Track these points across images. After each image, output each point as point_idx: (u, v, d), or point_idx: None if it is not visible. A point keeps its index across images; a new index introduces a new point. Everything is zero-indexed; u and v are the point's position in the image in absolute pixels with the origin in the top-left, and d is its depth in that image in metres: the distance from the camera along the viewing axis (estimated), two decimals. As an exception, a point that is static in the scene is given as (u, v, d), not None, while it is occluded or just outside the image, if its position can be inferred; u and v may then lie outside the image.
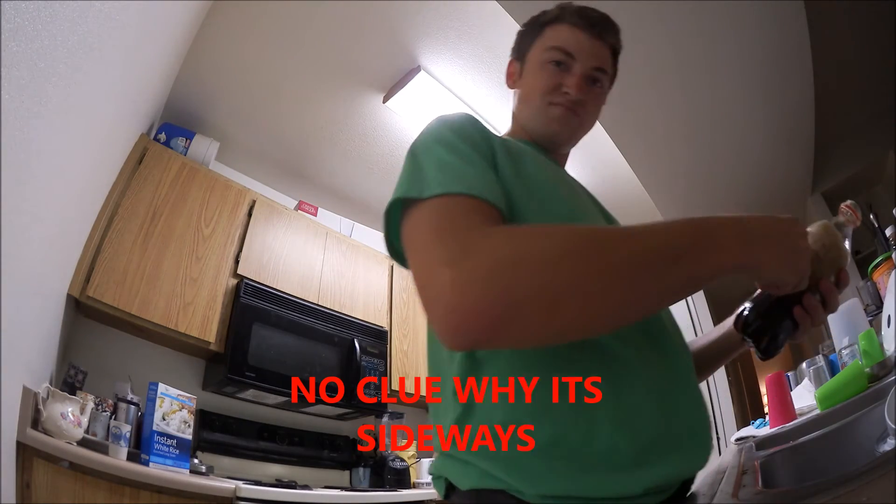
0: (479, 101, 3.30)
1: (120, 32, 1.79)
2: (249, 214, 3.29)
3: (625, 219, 0.85)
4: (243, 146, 3.63)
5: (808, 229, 0.76)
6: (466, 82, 3.17)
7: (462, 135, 0.74)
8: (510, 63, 1.05)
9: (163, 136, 3.06)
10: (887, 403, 0.86)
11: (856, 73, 3.81)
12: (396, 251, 0.72)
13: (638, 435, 0.65)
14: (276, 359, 2.99)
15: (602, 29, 0.95)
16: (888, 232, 1.90)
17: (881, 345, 1.69)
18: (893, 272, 1.79)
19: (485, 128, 0.81)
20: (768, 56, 2.97)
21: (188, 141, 3.13)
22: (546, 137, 0.95)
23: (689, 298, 4.68)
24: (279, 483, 2.81)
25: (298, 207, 3.82)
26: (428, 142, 0.74)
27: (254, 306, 3.01)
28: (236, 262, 3.13)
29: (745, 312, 0.75)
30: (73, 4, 1.37)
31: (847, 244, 0.76)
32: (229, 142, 3.51)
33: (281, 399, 3.13)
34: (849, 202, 0.80)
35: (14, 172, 1.35)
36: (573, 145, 1.00)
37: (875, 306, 2.03)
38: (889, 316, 1.73)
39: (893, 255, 1.87)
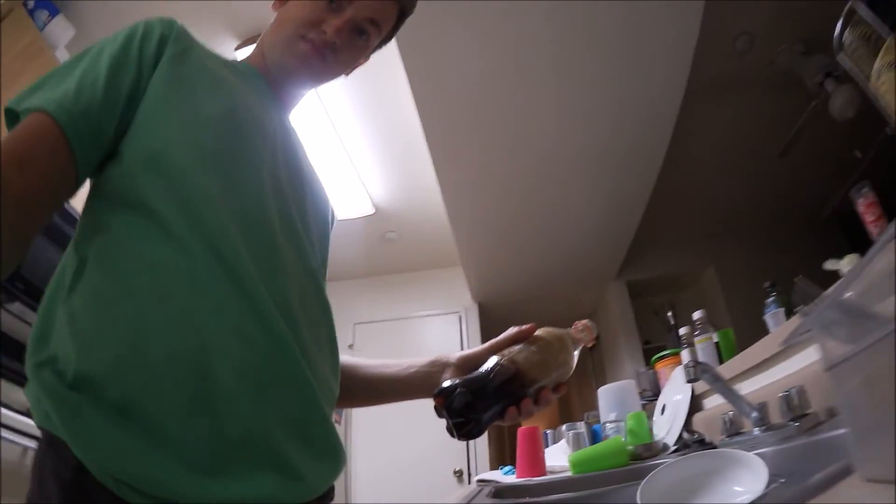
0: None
1: None
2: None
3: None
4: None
5: (541, 333, 0.75)
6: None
7: (125, 44, 0.68)
8: None
9: (31, 3, 2.58)
10: (642, 485, 0.86)
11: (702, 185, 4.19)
12: None
13: (229, 420, 0.54)
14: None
15: None
16: (682, 331, 1.94)
17: (650, 429, 1.69)
18: (678, 368, 1.83)
19: (175, 35, 0.73)
20: (620, 144, 3.12)
21: (50, 17, 2.65)
22: (279, 71, 0.82)
23: (462, 316, 4.75)
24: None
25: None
26: (106, 43, 0.69)
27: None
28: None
29: (457, 391, 0.66)
30: None
31: (575, 360, 0.76)
32: (86, 33, 2.82)
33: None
34: (587, 322, 0.80)
35: None
36: (306, 90, 0.88)
37: (652, 393, 2.08)
38: (665, 405, 1.75)
39: (682, 353, 1.92)
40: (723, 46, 2.85)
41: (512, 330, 0.76)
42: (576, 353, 0.76)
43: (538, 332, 0.75)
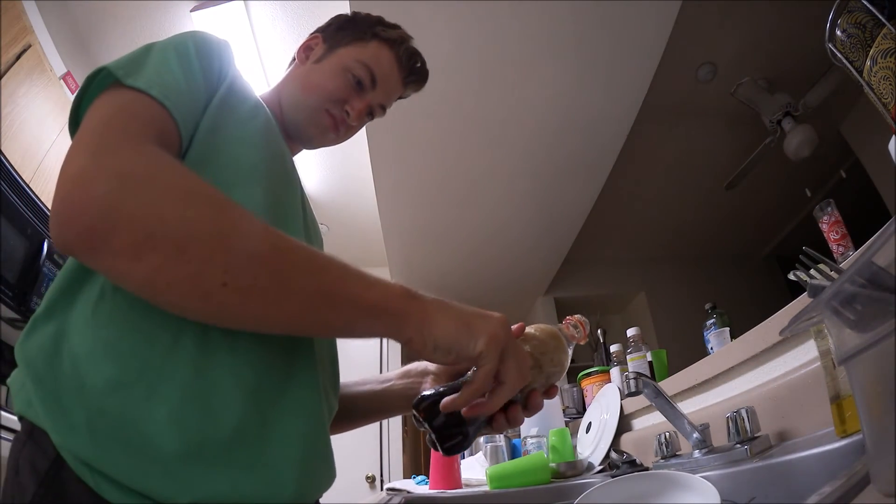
0: (273, 57, 2.83)
1: None
2: (17, 58, 2.54)
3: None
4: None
5: (533, 331, 0.67)
6: (274, 35, 2.70)
7: (200, 54, 0.67)
8: (315, 38, 0.96)
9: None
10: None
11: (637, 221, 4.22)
12: (78, 122, 0.60)
13: (200, 421, 0.53)
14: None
15: (415, 81, 0.97)
16: (613, 348, 1.89)
17: (574, 447, 1.61)
18: (607, 386, 1.76)
19: (232, 60, 0.75)
20: (565, 159, 3.10)
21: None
22: (295, 128, 0.89)
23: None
24: None
25: (63, 77, 3.14)
26: (168, 45, 0.66)
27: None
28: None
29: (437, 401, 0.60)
30: None
31: (569, 360, 0.69)
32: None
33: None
34: (579, 316, 0.75)
35: None
36: (308, 148, 0.96)
37: (576, 410, 2.01)
38: (590, 423, 1.67)
39: (611, 371, 1.86)
40: (685, 73, 2.88)
41: None
42: (570, 351, 0.69)
43: (529, 330, 0.67)
